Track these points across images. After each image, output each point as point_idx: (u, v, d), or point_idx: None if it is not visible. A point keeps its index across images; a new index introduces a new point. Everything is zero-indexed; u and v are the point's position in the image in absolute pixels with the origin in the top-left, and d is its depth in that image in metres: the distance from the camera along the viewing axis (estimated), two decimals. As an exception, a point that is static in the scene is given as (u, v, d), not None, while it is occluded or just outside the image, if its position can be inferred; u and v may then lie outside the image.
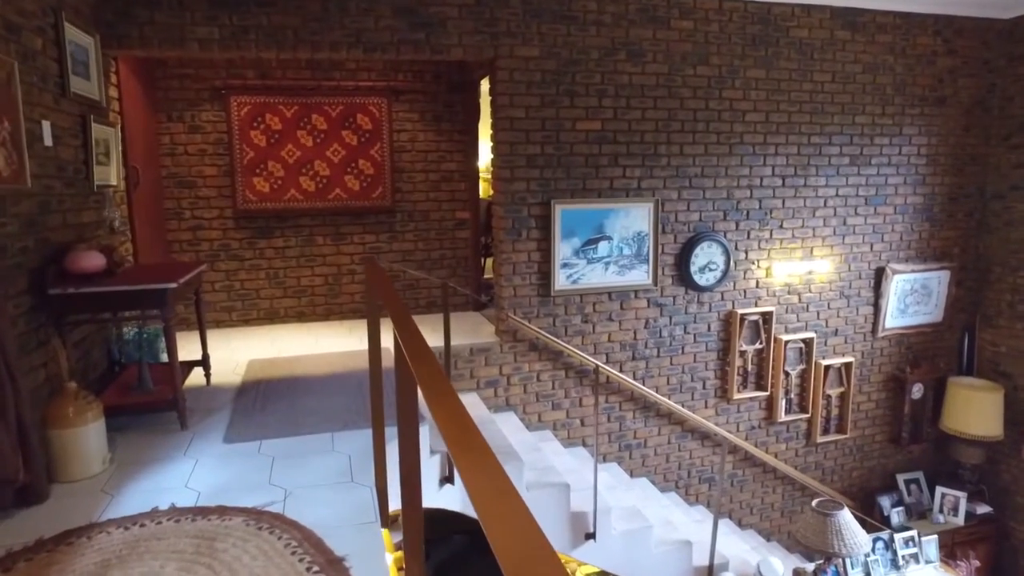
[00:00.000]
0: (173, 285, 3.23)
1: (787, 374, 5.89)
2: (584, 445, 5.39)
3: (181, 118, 5.37)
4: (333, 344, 5.17)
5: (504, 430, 4.70)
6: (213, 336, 5.30)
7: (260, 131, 5.47)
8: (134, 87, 4.80)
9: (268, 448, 3.23)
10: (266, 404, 3.84)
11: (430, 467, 3.69)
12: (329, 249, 5.82)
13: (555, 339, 5.19)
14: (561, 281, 5.20)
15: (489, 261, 6.57)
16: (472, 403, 5.03)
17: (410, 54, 4.57)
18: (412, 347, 1.62)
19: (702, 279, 5.57)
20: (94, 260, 3.20)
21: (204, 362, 4.13)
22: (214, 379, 4.25)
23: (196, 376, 4.15)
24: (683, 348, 5.67)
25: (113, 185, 4.13)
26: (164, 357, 4.16)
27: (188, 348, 4.50)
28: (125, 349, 3.99)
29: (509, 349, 5.20)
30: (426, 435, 3.77)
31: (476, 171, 6.05)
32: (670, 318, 5.58)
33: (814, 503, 4.53)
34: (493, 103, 4.97)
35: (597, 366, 4.97)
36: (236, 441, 3.30)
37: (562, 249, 5.16)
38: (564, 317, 5.29)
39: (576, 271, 5.22)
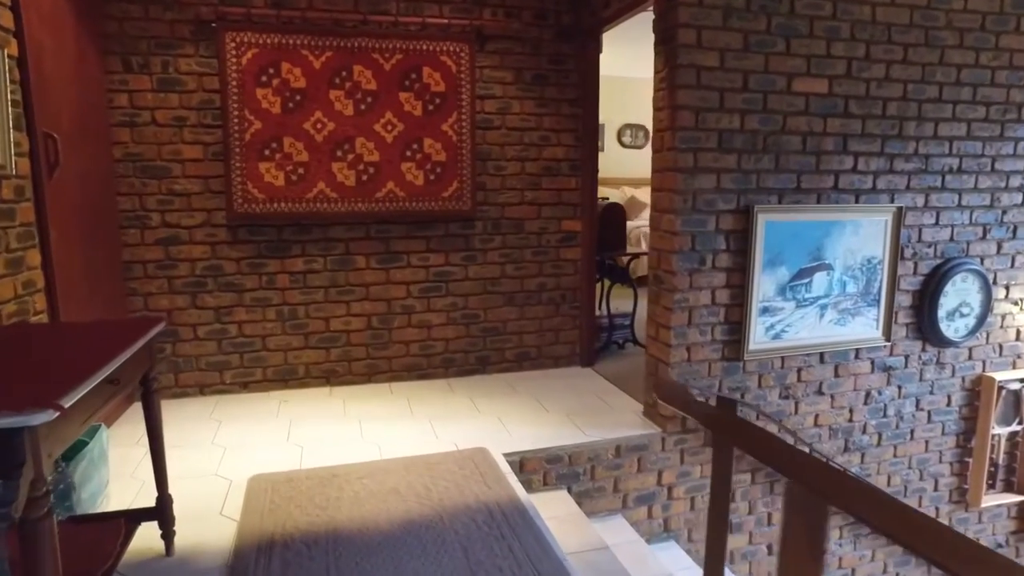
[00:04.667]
0: (38, 418, 1.22)
1: (1061, 471, 3.98)
2: (785, 594, 3.43)
3: (146, 67, 3.35)
4: (389, 434, 3.17)
5: (670, 568, 2.82)
6: (192, 414, 3.28)
7: (272, 90, 3.46)
8: (58, 5, 2.79)
9: None
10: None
11: None
12: (374, 275, 3.82)
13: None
14: (758, 336, 3.25)
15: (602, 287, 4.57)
16: (617, 530, 3.08)
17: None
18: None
19: (950, 329, 3.65)
20: None
21: (161, 511, 2.12)
22: (184, 533, 2.25)
23: (148, 536, 2.15)
24: (912, 432, 3.74)
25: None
26: (93, 504, 2.19)
27: (134, 477, 2.46)
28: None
29: (675, 445, 3.23)
30: None
31: (595, 160, 4.07)
32: (899, 388, 3.65)
33: None
34: (667, 42, 3.01)
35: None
36: None
37: (763, 285, 3.20)
38: (757, 392, 3.34)
39: (780, 319, 3.27)
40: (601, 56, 3.98)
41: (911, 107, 3.34)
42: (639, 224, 6.91)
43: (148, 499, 2.24)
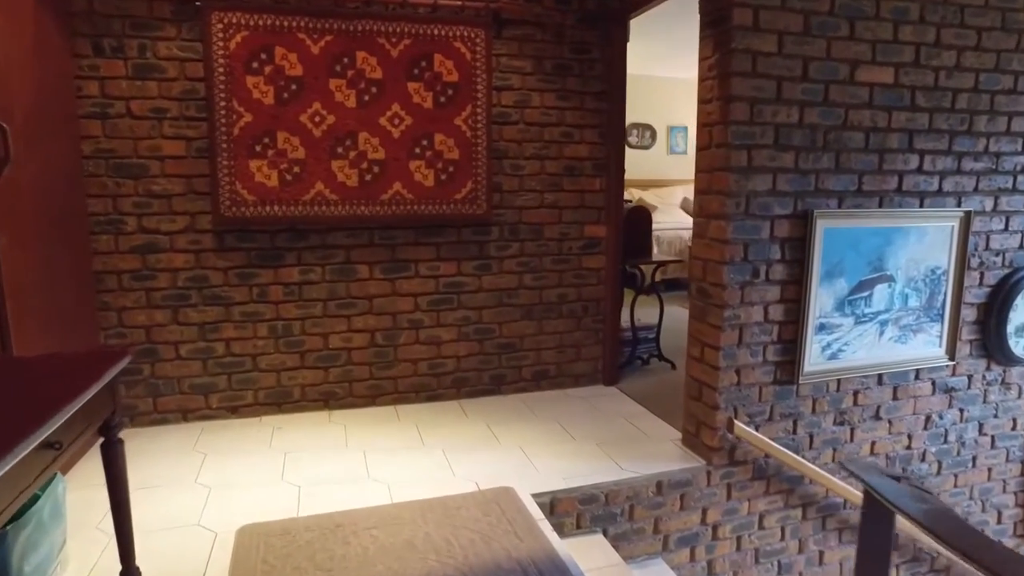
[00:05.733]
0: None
1: None
2: (845, 647, 3.08)
3: (120, 50, 2.95)
4: (398, 469, 2.78)
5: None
6: (173, 446, 2.87)
7: (264, 78, 3.06)
8: (16, -29, 2.39)
9: None
10: None
11: None
12: (378, 286, 3.42)
13: (798, 458, 2.88)
14: (814, 356, 2.88)
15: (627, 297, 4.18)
16: (656, 578, 2.70)
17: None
18: None
19: (1019, 346, 3.31)
20: None
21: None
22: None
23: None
24: (974, 459, 3.39)
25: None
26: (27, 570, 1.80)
27: (101, 529, 2.04)
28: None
29: (721, 480, 2.86)
30: None
31: (621, 159, 3.69)
32: (961, 411, 3.30)
33: None
34: (718, 24, 2.64)
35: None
36: None
37: (820, 299, 2.84)
38: (811, 418, 2.97)
39: (837, 337, 2.91)
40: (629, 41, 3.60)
41: (983, 99, 2.99)
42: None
43: (116, 559, 1.83)
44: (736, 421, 2.79)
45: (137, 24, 2.94)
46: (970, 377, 3.28)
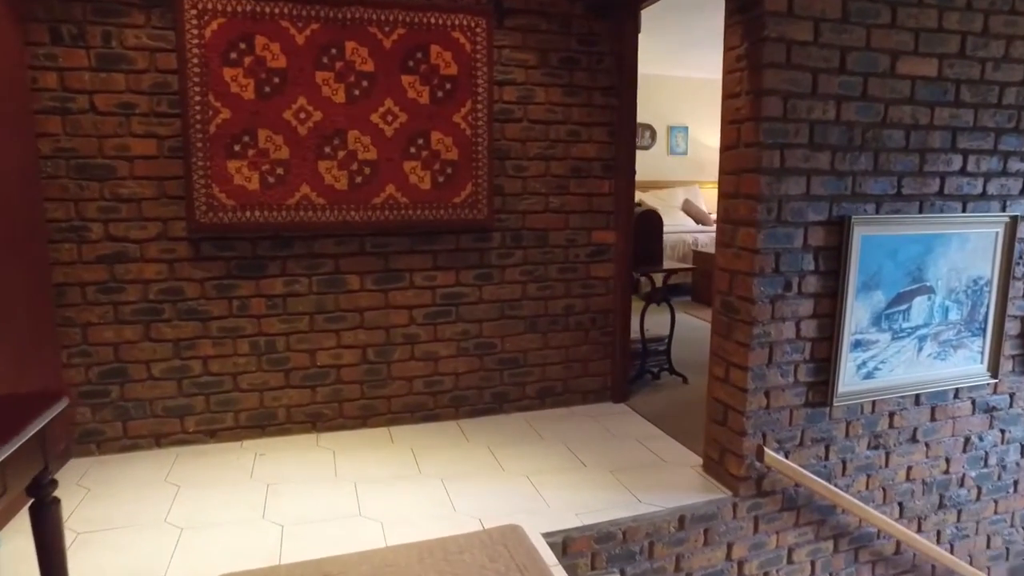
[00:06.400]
0: None
1: None
2: None
3: (82, 38, 2.65)
4: (393, 505, 2.50)
5: None
6: (143, 477, 2.57)
7: (244, 70, 2.78)
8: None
9: None
10: None
11: None
12: (370, 298, 3.14)
13: (832, 487, 2.62)
14: (848, 376, 2.63)
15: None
16: (678, 624, 2.42)
17: None
18: None
19: (1064, 362, 3.04)
20: None
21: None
22: None
23: None
24: (1016, 484, 3.15)
25: None
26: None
27: None
28: None
29: (748, 512, 2.60)
30: None
31: (631, 160, 3.42)
32: (1002, 433, 3.06)
33: None
34: (748, 10, 2.37)
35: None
36: None
37: (856, 313, 2.58)
38: (844, 442, 2.72)
39: (873, 355, 2.66)
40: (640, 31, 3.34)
41: (1030, 94, 2.74)
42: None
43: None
44: (766, 449, 2.53)
45: (101, 9, 2.65)
46: (1012, 395, 3.04)
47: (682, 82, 8.07)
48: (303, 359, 3.10)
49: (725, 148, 2.53)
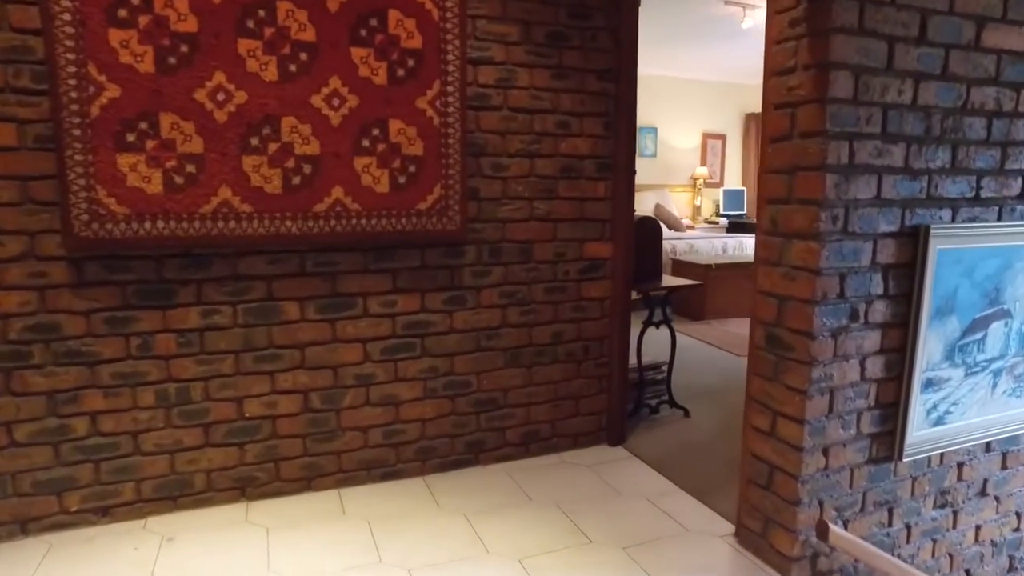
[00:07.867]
0: None
1: None
2: None
3: (-94, -14, 1.93)
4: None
5: None
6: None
7: (140, 33, 2.09)
8: None
9: None
10: None
11: None
12: (313, 330, 2.48)
13: (900, 563, 2.11)
14: (919, 422, 2.12)
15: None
16: None
17: None
18: None
19: None
20: None
21: None
22: None
23: None
24: (1081, 535, 2.70)
25: None
26: None
27: None
28: None
29: (802, 600, 2.06)
30: None
31: (631, 157, 2.87)
32: (1071, 478, 2.61)
33: None
34: (809, -39, 1.83)
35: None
36: None
37: (929, 345, 2.08)
38: (910, 503, 2.22)
39: (944, 396, 2.17)
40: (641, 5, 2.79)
41: (1112, 80, 2.30)
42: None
43: None
44: (830, 524, 1.99)
45: (-69, -54, 1.93)
46: (1080, 433, 2.60)
47: (651, 80, 7.61)
48: (227, 410, 2.41)
49: (773, 139, 1.99)
